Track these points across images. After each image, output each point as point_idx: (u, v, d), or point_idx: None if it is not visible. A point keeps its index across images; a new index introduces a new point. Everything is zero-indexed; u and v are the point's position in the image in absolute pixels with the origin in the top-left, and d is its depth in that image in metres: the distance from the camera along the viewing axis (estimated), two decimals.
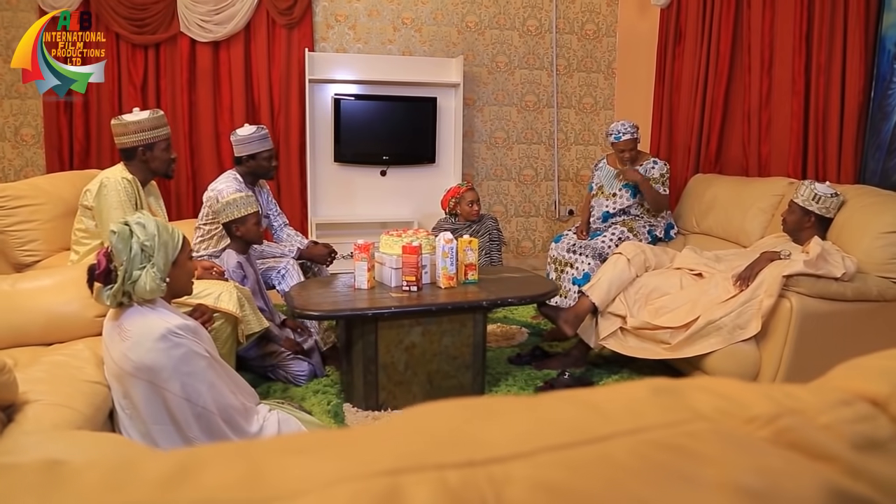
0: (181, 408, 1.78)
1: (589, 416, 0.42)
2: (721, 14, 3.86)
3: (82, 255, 2.57)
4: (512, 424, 0.41)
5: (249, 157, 3.24)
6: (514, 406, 0.44)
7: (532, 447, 0.37)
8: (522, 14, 5.07)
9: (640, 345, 2.93)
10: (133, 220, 1.79)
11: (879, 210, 2.70)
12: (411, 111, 4.80)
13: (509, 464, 0.36)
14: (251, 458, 0.39)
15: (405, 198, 4.97)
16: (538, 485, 0.35)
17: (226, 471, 0.38)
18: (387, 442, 0.40)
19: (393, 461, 0.36)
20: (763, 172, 3.66)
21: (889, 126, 2.98)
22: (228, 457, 0.40)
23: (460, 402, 0.45)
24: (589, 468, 0.36)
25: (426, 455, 0.37)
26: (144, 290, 1.77)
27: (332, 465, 0.36)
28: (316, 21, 4.73)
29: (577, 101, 5.30)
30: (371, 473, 0.35)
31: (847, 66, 3.12)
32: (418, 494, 0.33)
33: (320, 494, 0.33)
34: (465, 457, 0.36)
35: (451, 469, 0.35)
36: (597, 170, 3.91)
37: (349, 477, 0.35)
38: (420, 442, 0.39)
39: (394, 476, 0.35)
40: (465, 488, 0.34)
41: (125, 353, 1.76)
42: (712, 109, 3.96)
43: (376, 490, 0.34)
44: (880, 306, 2.62)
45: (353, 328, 2.68)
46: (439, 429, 0.41)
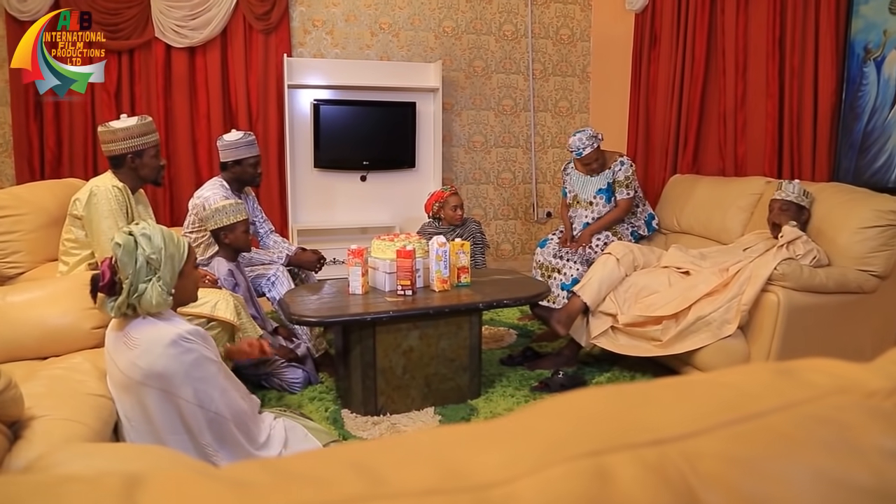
0: (194, 415, 1.76)
1: (736, 396, 0.45)
2: (696, 19, 3.97)
3: (71, 265, 2.51)
4: (674, 407, 0.43)
5: (235, 163, 3.22)
6: (663, 391, 0.46)
7: (707, 425, 0.40)
8: (499, 19, 5.12)
9: (631, 342, 2.98)
10: (138, 231, 1.76)
11: (855, 206, 2.81)
12: (391, 116, 4.81)
13: (694, 440, 0.38)
14: (431, 456, 0.41)
15: (385, 203, 4.97)
16: (725, 457, 0.37)
17: (417, 470, 0.39)
18: (568, 428, 0.41)
19: (590, 444, 0.38)
20: (739, 172, 3.77)
21: (860, 126, 3.11)
22: (404, 459, 0.41)
23: (612, 389, 0.47)
24: (762, 440, 0.39)
25: (616, 437, 0.39)
26: (150, 304, 1.75)
27: (530, 452, 0.38)
28: (293, 26, 4.70)
29: (553, 104, 5.37)
30: (575, 456, 0.37)
31: (819, 69, 3.24)
32: (625, 472, 0.35)
33: (537, 477, 0.35)
34: (653, 437, 0.38)
35: (644, 448, 0.37)
36: (566, 175, 3.96)
37: (555, 460, 0.36)
38: (601, 426, 0.41)
39: (596, 457, 0.36)
40: (662, 464, 0.36)
41: (134, 361, 1.73)
42: (689, 111, 4.07)
43: (585, 470, 0.35)
44: (860, 298, 2.72)
45: (351, 333, 2.68)
46: (610, 413, 0.43)
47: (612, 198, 3.70)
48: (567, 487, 0.36)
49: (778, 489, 0.37)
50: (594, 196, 3.73)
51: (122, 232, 1.75)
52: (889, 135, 2.98)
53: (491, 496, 0.36)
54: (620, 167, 3.66)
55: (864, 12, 3.06)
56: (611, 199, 3.70)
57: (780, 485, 0.37)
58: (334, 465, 0.40)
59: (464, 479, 0.37)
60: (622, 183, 3.65)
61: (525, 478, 0.35)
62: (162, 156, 2.71)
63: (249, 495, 0.36)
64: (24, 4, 4.15)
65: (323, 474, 0.39)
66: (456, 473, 0.38)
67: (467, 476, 0.37)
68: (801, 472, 0.38)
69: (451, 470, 0.38)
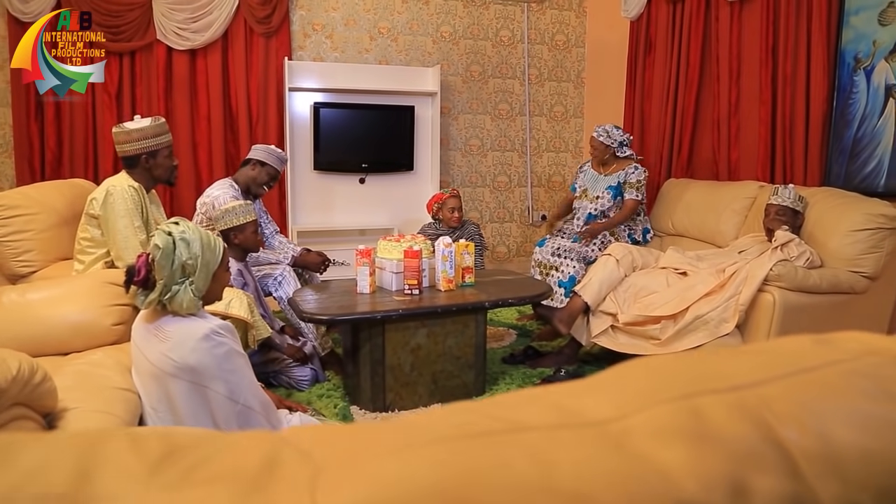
0: (223, 407, 1.81)
1: (787, 356, 0.53)
2: (690, 26, 4.08)
3: (87, 264, 2.55)
4: (739, 363, 0.51)
5: (260, 164, 3.30)
6: (725, 353, 0.54)
7: (769, 376, 0.47)
8: (495, 25, 5.21)
9: (630, 341, 3.07)
10: (178, 234, 1.78)
11: (846, 210, 2.92)
12: (389, 119, 4.87)
13: (763, 387, 0.46)
14: (548, 402, 0.48)
15: (384, 205, 5.03)
16: (790, 400, 0.45)
17: (541, 412, 0.46)
18: (656, 380, 0.49)
19: (679, 390, 0.45)
20: (733, 177, 3.87)
21: (851, 132, 3.22)
22: (525, 404, 0.48)
23: (682, 353, 0.55)
24: (815, 388, 0.47)
25: (699, 385, 0.46)
26: (181, 306, 1.78)
27: (631, 397, 0.46)
28: (293, 30, 4.76)
29: (549, 109, 5.47)
30: (670, 399, 0.44)
31: (811, 78, 3.35)
32: (714, 410, 0.43)
33: (644, 414, 0.42)
34: (730, 384, 0.46)
35: (725, 393, 0.45)
36: (581, 172, 4.06)
37: (655, 402, 0.44)
38: (684, 377, 0.49)
39: (688, 399, 0.44)
40: (743, 405, 0.44)
41: (166, 353, 1.78)
42: (683, 117, 4.17)
43: (682, 409, 0.43)
44: (851, 298, 2.83)
45: (361, 331, 2.74)
46: (688, 368, 0.51)
47: (618, 196, 3.80)
48: (671, 421, 0.43)
49: (833, 425, 0.44)
50: (602, 191, 3.83)
51: (162, 232, 1.78)
52: (878, 141, 3.10)
53: (610, 429, 0.43)
54: (634, 171, 3.77)
55: (855, 23, 3.18)
56: (617, 196, 3.80)
57: (833, 421, 0.44)
58: (469, 412, 0.47)
59: (582, 417, 0.44)
60: (633, 185, 3.75)
61: (634, 415, 0.43)
62: (175, 158, 2.76)
63: None
64: (26, 6, 4.17)
65: (463, 419, 0.46)
66: (574, 413, 0.45)
67: (584, 415, 0.44)
68: (849, 413, 0.45)
69: (570, 411, 0.45)
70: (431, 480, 0.37)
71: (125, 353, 2.15)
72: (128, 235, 2.49)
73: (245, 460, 0.42)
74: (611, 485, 0.38)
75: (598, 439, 0.42)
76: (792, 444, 0.43)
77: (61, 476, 0.39)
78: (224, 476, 0.39)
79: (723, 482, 0.39)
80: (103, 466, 0.40)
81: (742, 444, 0.42)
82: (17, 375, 1.47)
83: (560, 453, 0.40)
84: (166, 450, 0.43)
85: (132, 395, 1.90)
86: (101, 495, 0.37)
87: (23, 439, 0.45)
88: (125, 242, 2.49)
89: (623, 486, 0.38)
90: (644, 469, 0.39)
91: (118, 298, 2.27)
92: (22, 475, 0.38)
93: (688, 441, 0.42)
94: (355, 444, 0.43)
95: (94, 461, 0.41)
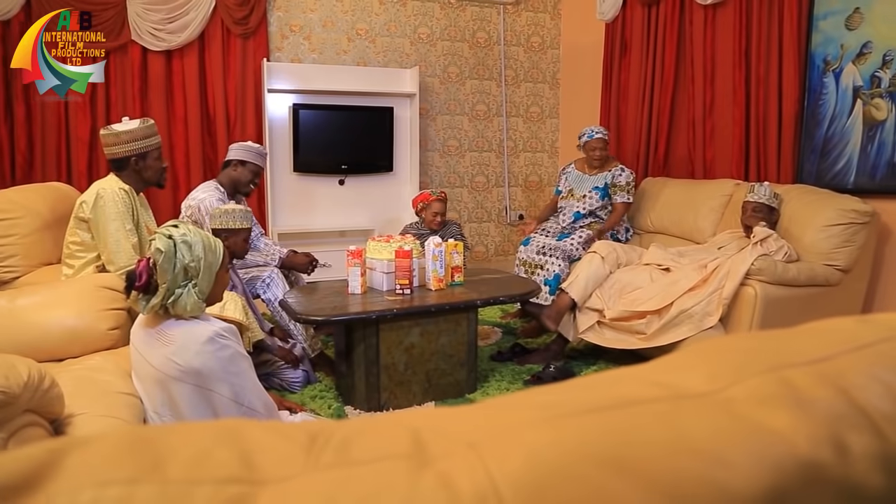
0: (228, 410, 1.81)
1: (841, 335, 0.58)
2: (665, 29, 4.19)
3: (77, 268, 2.51)
4: (803, 342, 0.56)
5: (240, 163, 3.28)
6: (786, 334, 0.59)
7: (834, 352, 0.52)
8: (472, 26, 5.26)
9: (616, 336, 3.15)
10: (179, 237, 1.77)
11: (820, 207, 3.04)
12: (368, 121, 4.88)
13: (833, 361, 0.51)
14: (646, 379, 0.52)
15: (363, 206, 5.03)
16: (863, 372, 0.50)
17: (643, 388, 0.50)
18: (738, 357, 0.53)
19: (765, 365, 0.50)
20: (708, 175, 3.99)
21: (821, 132, 3.35)
22: (625, 382, 0.52)
23: (747, 334, 0.59)
24: (881, 360, 0.52)
25: (777, 361, 0.51)
26: (185, 310, 1.78)
27: (723, 372, 0.50)
28: (271, 31, 4.74)
29: (525, 110, 5.54)
30: (760, 372, 0.49)
31: (783, 79, 3.48)
32: (803, 381, 0.48)
33: (741, 385, 0.47)
34: (804, 359, 0.51)
35: (802, 366, 0.50)
36: (564, 174, 4.13)
37: (747, 375, 0.48)
38: (761, 355, 0.53)
39: (776, 372, 0.49)
40: (822, 375, 0.49)
41: (170, 357, 1.77)
42: (659, 117, 4.28)
43: (774, 380, 0.47)
44: (826, 290, 2.95)
45: (355, 332, 2.75)
46: (761, 347, 0.55)
47: (605, 196, 3.88)
48: (767, 391, 0.47)
49: None
50: (589, 191, 3.90)
51: (162, 235, 1.77)
52: (847, 140, 3.23)
53: (715, 399, 0.47)
54: (622, 172, 3.85)
55: (823, 27, 3.31)
56: (604, 196, 3.88)
57: None
58: (575, 391, 0.51)
59: (683, 390, 0.48)
60: (623, 187, 3.84)
61: (732, 387, 0.47)
62: (165, 161, 2.73)
63: None
64: None
65: (574, 396, 0.49)
66: (674, 387, 0.49)
67: (685, 388, 0.48)
68: None
69: (668, 385, 0.49)
70: (588, 444, 0.41)
71: (124, 358, 2.13)
72: (119, 239, 2.46)
73: (390, 441, 0.44)
74: (737, 444, 0.42)
75: (711, 407, 0.46)
76: (871, 408, 0.47)
77: (228, 461, 0.41)
78: (383, 455, 0.42)
79: (826, 440, 0.44)
80: (260, 451, 0.43)
81: (833, 409, 0.47)
82: (27, 381, 1.46)
83: (683, 419, 0.44)
84: (307, 435, 0.46)
85: (135, 399, 1.89)
86: (271, 477, 0.40)
87: (159, 431, 0.47)
88: (117, 246, 2.46)
89: (748, 445, 0.42)
90: (761, 431, 0.43)
91: (114, 302, 2.25)
92: (190, 464, 0.40)
93: (787, 407, 0.46)
94: (489, 423, 0.46)
95: (248, 447, 0.43)
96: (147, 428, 0.48)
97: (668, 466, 0.41)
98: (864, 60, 3.13)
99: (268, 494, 0.38)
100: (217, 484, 0.38)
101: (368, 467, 0.40)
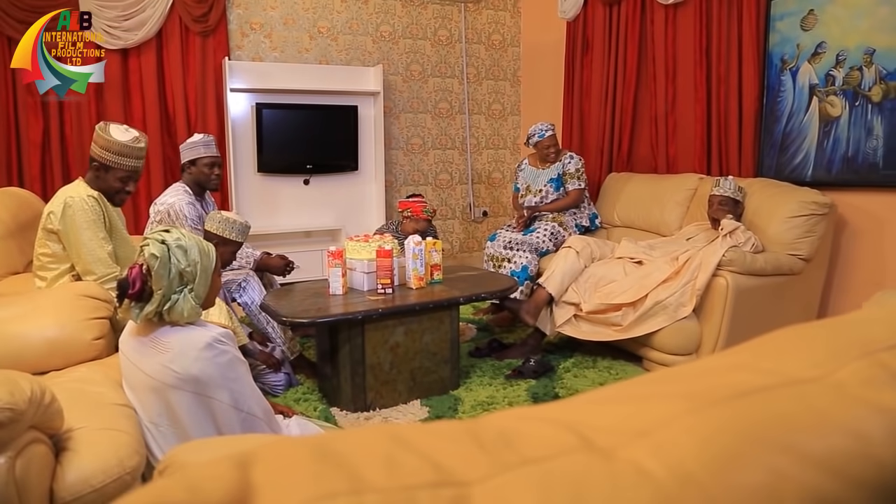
0: (227, 416, 1.78)
1: None
2: (627, 28, 4.29)
3: (50, 280, 2.41)
4: (868, 331, 0.60)
5: (190, 164, 3.18)
6: (843, 324, 0.63)
7: None
8: (434, 24, 5.28)
9: (593, 329, 3.22)
10: (173, 242, 1.73)
11: (782, 199, 3.18)
12: (333, 119, 4.84)
13: None
14: (743, 366, 0.55)
15: (329, 206, 4.99)
16: None
17: (748, 376, 0.53)
18: (826, 345, 0.57)
19: (856, 351, 0.54)
20: (671, 170, 4.12)
21: (780, 128, 3.51)
22: (733, 370, 0.55)
23: (816, 324, 0.64)
24: None
25: (864, 347, 0.54)
26: (181, 316, 1.74)
27: (820, 359, 0.53)
28: (231, 29, 4.64)
29: (487, 107, 5.59)
30: (856, 357, 0.52)
31: (743, 77, 3.62)
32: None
33: (846, 369, 0.50)
34: (885, 345, 0.55)
35: (888, 350, 0.54)
36: (520, 171, 4.21)
37: (846, 361, 0.52)
38: (846, 342, 0.57)
39: (871, 356, 0.52)
40: None
41: (166, 365, 1.73)
42: (622, 114, 4.39)
43: (874, 363, 0.51)
44: (790, 279, 3.09)
45: (340, 332, 2.74)
46: (841, 335, 0.59)
47: (560, 187, 3.97)
48: (871, 374, 0.51)
49: None
50: (544, 185, 3.99)
51: (155, 241, 1.73)
52: (805, 136, 3.39)
53: (827, 383, 0.51)
54: (570, 160, 3.95)
55: (780, 27, 3.46)
56: (559, 188, 3.98)
57: None
58: (740, 371, 0.53)
59: (794, 376, 0.51)
60: (573, 175, 3.94)
61: (837, 371, 0.50)
62: (130, 184, 2.53)
63: None
64: None
65: (711, 386, 0.52)
66: (784, 374, 0.52)
67: (794, 375, 0.52)
68: None
69: (778, 372, 0.52)
70: (749, 428, 0.44)
71: (111, 368, 2.07)
72: (93, 248, 2.37)
73: (552, 437, 0.46)
74: (867, 421, 0.45)
75: (828, 391, 0.50)
76: None
77: (421, 467, 0.42)
78: (559, 450, 0.44)
79: None
80: (438, 454, 0.44)
81: None
82: (31, 396, 1.42)
83: (812, 401, 0.47)
84: (467, 434, 0.48)
85: (130, 410, 1.84)
86: (470, 479, 0.41)
87: (325, 441, 0.48)
88: (92, 256, 2.37)
89: (876, 421, 0.45)
90: (879, 409, 0.47)
91: (96, 311, 2.18)
92: (387, 471, 0.41)
93: (892, 387, 0.50)
94: (639, 415, 0.49)
95: (423, 451, 0.45)
96: (313, 439, 0.48)
97: (821, 444, 0.44)
98: (819, 60, 3.29)
99: (479, 495, 0.39)
100: (431, 488, 0.39)
101: (557, 462, 0.42)
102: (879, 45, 3.06)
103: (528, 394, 2.91)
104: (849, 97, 3.18)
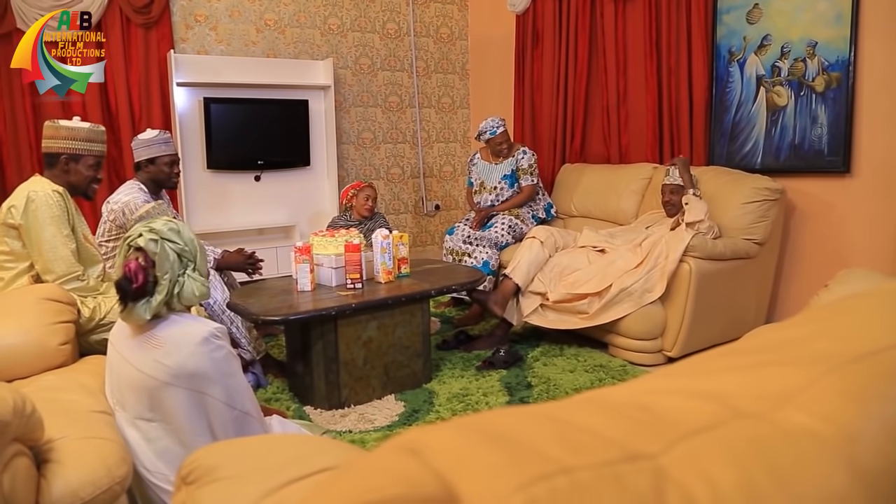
0: (220, 414, 1.73)
1: None
2: (577, 21, 4.36)
3: (7, 280, 2.27)
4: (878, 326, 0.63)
5: (149, 162, 3.05)
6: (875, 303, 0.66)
7: None
8: (382, 17, 5.22)
9: (559, 318, 3.27)
10: (162, 225, 1.71)
11: (736, 186, 3.31)
12: (283, 114, 4.73)
13: None
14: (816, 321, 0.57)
15: (281, 202, 4.88)
16: None
17: (832, 344, 0.55)
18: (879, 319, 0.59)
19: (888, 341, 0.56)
20: (624, 160, 4.22)
21: (730, 117, 3.64)
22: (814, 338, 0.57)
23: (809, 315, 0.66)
24: None
25: None
26: (193, 297, 1.74)
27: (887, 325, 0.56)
28: (174, 21, 4.46)
29: (437, 100, 5.58)
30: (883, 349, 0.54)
31: (693, 69, 3.74)
32: None
33: None
34: None
35: None
36: (473, 165, 4.22)
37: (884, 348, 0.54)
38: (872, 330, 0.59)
39: None
40: None
41: (160, 360, 1.67)
42: (574, 106, 4.46)
43: None
44: (746, 262, 3.22)
45: (312, 329, 2.69)
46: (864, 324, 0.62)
47: (515, 183, 4.01)
48: None
49: None
50: (499, 181, 4.02)
51: (145, 232, 1.69)
52: (753, 125, 3.54)
53: None
54: (524, 156, 3.99)
55: (727, 21, 3.60)
56: (514, 184, 4.01)
57: None
58: (819, 339, 0.55)
59: (866, 346, 0.53)
60: (526, 170, 3.97)
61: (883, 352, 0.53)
62: (100, 171, 2.51)
63: None
64: None
65: (797, 356, 0.54)
66: (860, 339, 0.54)
67: (867, 343, 0.53)
68: None
69: (853, 338, 0.54)
70: (883, 375, 0.45)
71: (81, 374, 1.98)
72: (56, 245, 2.25)
73: (702, 411, 0.47)
74: None
75: None
76: None
77: (601, 445, 0.42)
78: (718, 422, 0.44)
79: None
80: (613, 432, 0.44)
81: None
82: (14, 407, 1.33)
83: None
84: (619, 414, 0.48)
85: (110, 417, 1.76)
86: (648, 452, 0.41)
87: (482, 421, 0.46)
88: (53, 253, 2.25)
89: None
90: None
91: (61, 315, 2.07)
92: (577, 449, 0.41)
93: None
94: (758, 390, 0.49)
95: (593, 428, 0.44)
96: (458, 423, 0.46)
97: None
98: (765, 51, 3.44)
99: (671, 465, 0.39)
100: (627, 462, 0.39)
101: (725, 429, 0.43)
102: (820, 37, 3.22)
103: (502, 384, 2.93)
104: (794, 87, 3.33)
